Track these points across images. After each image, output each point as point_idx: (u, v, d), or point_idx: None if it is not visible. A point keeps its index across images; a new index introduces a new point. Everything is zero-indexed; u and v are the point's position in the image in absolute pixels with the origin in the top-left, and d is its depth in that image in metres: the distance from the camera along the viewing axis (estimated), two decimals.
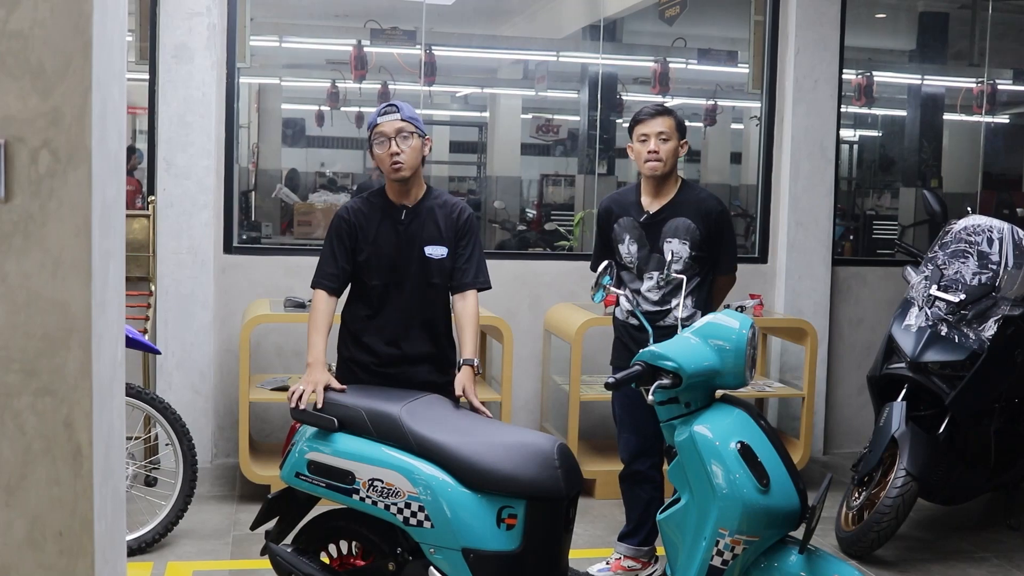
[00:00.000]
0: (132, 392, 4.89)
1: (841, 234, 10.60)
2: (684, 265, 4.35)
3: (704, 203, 4.43)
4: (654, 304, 4.40)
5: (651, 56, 9.86)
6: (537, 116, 13.29)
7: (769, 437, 3.25)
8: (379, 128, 3.86)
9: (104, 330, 2.01)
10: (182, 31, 5.98)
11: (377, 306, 3.94)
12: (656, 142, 4.31)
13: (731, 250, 4.54)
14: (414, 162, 3.87)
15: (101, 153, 1.96)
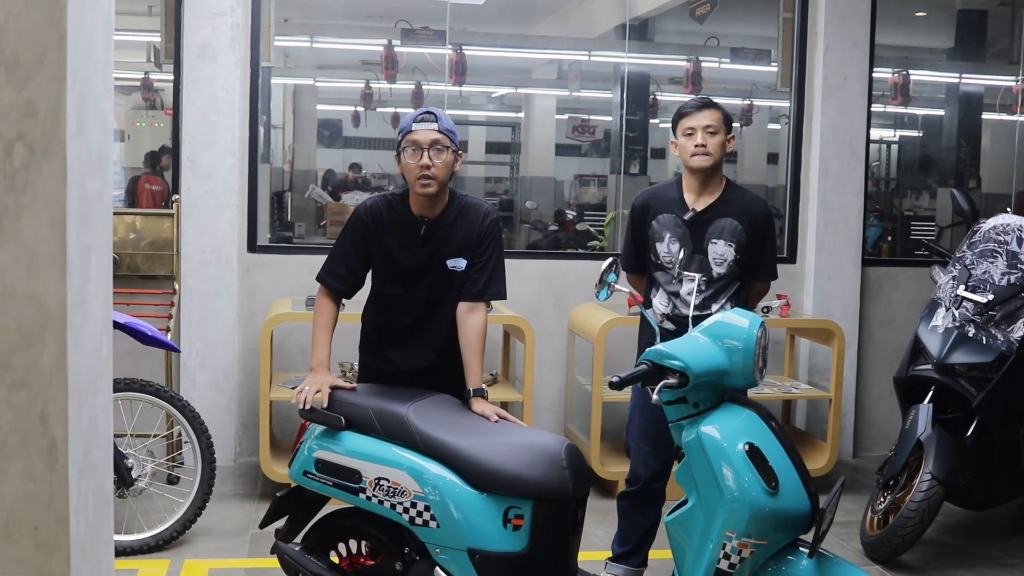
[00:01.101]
0: (151, 390, 4.91)
1: (879, 235, 10.48)
2: (728, 268, 4.19)
3: (751, 204, 4.27)
4: (694, 309, 4.15)
5: (683, 55, 9.80)
6: (573, 116, 13.25)
7: (779, 439, 3.19)
8: (413, 136, 3.69)
9: (84, 325, 2.00)
10: (206, 30, 6.00)
11: (393, 315, 3.87)
12: (703, 135, 4.13)
13: (772, 256, 4.37)
14: (444, 177, 3.70)
15: (79, 146, 1.95)
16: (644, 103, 10.48)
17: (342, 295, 3.90)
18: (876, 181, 13.28)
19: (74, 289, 1.93)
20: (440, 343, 3.85)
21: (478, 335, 3.78)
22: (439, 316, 3.83)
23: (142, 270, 6.10)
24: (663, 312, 4.28)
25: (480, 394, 3.74)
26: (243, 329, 6.18)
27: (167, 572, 4.65)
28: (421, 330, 3.84)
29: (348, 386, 3.70)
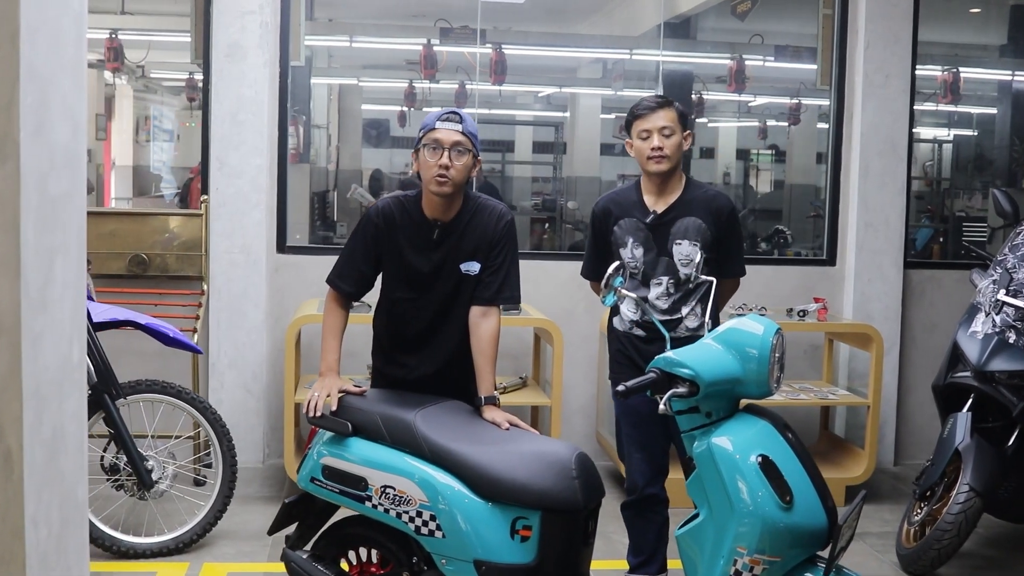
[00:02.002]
0: (172, 391, 4.88)
1: (930, 236, 10.24)
2: (695, 268, 4.06)
3: (714, 200, 4.14)
4: (663, 312, 4.06)
5: (727, 53, 9.65)
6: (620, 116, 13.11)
7: (796, 451, 3.06)
8: (435, 134, 3.60)
9: (44, 330, 1.93)
10: (235, 29, 5.96)
11: (404, 319, 3.78)
12: (659, 138, 3.99)
13: (739, 251, 4.25)
14: (461, 180, 3.62)
15: (38, 146, 1.89)
16: (687, 102, 10.31)
17: (351, 298, 3.83)
18: (929, 181, 13.01)
19: (31, 293, 1.86)
20: (453, 348, 3.76)
21: (491, 341, 3.68)
22: (452, 321, 3.74)
23: (171, 270, 6.08)
24: (631, 319, 4.16)
25: (492, 402, 3.64)
26: (272, 330, 6.14)
27: (186, 574, 4.61)
28: (434, 335, 3.76)
29: (357, 391, 3.63)
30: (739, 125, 15.20)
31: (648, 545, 4.26)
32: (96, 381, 4.71)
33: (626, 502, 4.32)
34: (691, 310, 4.10)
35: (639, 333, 4.15)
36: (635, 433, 4.17)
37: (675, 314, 4.10)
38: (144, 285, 6.02)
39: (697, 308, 4.11)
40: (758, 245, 10.77)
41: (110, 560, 4.71)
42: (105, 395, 4.71)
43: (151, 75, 13.65)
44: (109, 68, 9.75)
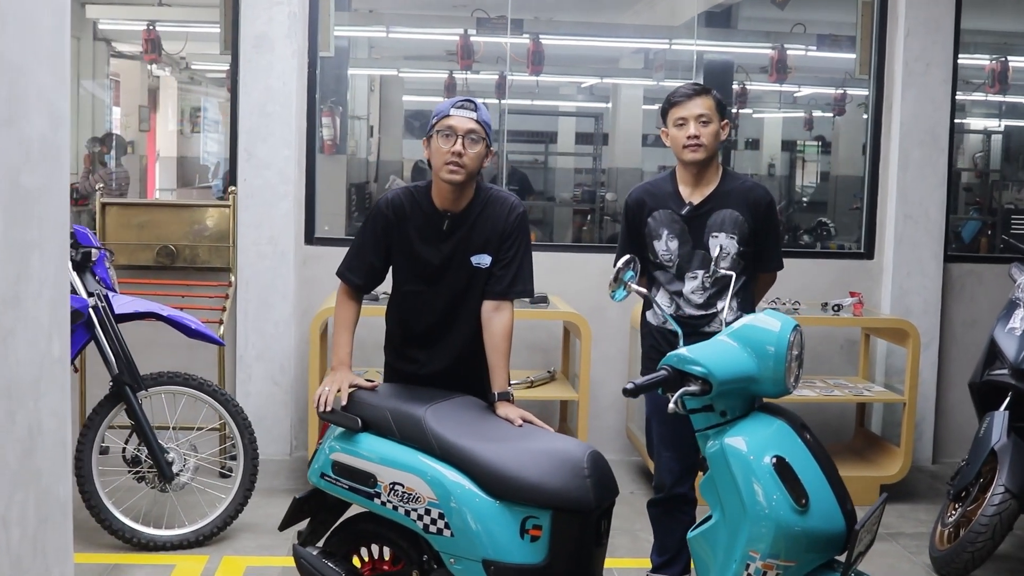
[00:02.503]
0: (194, 384, 4.86)
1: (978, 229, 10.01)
2: (731, 262, 3.94)
3: (751, 192, 4.02)
4: (697, 308, 3.96)
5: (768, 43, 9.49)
6: None
7: (813, 452, 2.96)
8: (449, 120, 3.52)
9: (18, 326, 1.89)
10: (263, 20, 5.93)
11: (415, 312, 3.72)
12: (696, 126, 3.87)
13: (777, 245, 4.13)
14: (474, 169, 3.54)
15: (10, 139, 1.84)
16: (727, 92, 10.16)
17: (361, 290, 3.76)
18: (979, 173, 12.74)
19: (4, 289, 1.82)
20: (465, 343, 3.69)
21: (503, 336, 3.61)
22: (464, 315, 3.67)
23: (199, 262, 6.08)
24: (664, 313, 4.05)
25: (505, 398, 3.57)
26: (300, 322, 6.11)
27: (204, 568, 4.59)
28: (445, 329, 3.69)
29: (368, 386, 3.57)
30: (784, 116, 14.99)
31: (673, 545, 4.16)
32: (117, 373, 4.70)
33: (653, 500, 4.24)
34: (725, 304, 4.00)
35: (672, 328, 4.04)
36: (665, 431, 4.07)
37: (710, 309, 4.00)
38: (172, 276, 6.01)
39: (733, 303, 4.00)
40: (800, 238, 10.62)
41: (130, 552, 4.70)
42: (126, 387, 4.70)
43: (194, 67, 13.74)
44: (147, 60, 9.79)
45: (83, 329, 4.70)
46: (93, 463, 4.73)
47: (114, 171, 9.94)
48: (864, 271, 6.43)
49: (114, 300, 4.77)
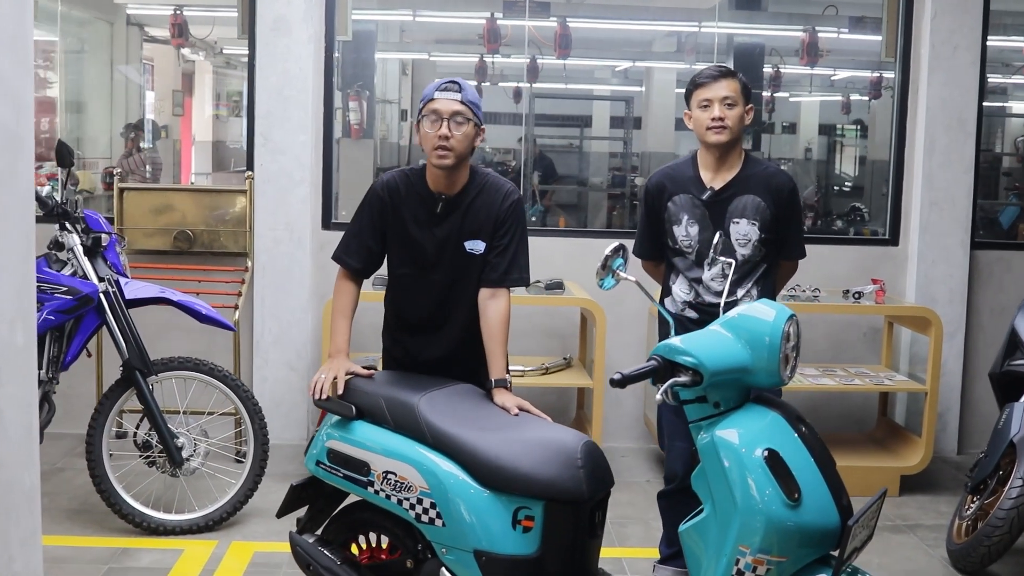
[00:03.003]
0: (204, 369, 4.86)
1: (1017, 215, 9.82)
2: (752, 249, 3.88)
3: (774, 178, 3.94)
4: (717, 295, 3.87)
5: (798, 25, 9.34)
6: None
7: (808, 445, 2.89)
8: (434, 104, 3.48)
9: None
10: (280, 4, 5.91)
11: (410, 297, 3.68)
12: (721, 108, 3.80)
13: (800, 232, 4.04)
14: (463, 151, 3.49)
15: None
16: (757, 75, 10.03)
17: (359, 275, 3.73)
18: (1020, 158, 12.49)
19: None
20: (462, 330, 3.66)
21: (500, 323, 3.57)
22: (459, 302, 3.63)
23: (216, 247, 6.08)
24: (684, 300, 3.99)
25: (503, 385, 3.52)
26: (316, 308, 6.11)
27: (212, 553, 4.60)
28: (441, 316, 3.65)
29: (365, 373, 3.54)
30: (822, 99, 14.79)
31: None
32: (128, 358, 4.71)
33: (663, 491, 4.19)
34: (747, 292, 3.95)
35: (691, 315, 3.98)
36: (678, 421, 3.98)
37: (729, 297, 3.90)
38: (189, 261, 6.02)
39: (754, 290, 3.95)
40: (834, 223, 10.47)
41: (140, 536, 4.72)
42: (136, 372, 4.71)
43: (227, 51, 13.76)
44: (174, 44, 9.80)
45: (94, 314, 4.72)
46: (104, 448, 4.75)
47: (146, 156, 9.99)
48: (889, 258, 6.31)
49: (125, 285, 4.78)
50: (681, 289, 3.97)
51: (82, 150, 12.23)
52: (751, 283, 3.92)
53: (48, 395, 4.81)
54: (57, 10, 10.63)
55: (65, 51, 12.74)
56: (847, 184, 13.20)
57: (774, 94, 12.12)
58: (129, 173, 9.36)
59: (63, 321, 4.66)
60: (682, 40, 11.67)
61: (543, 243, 6.36)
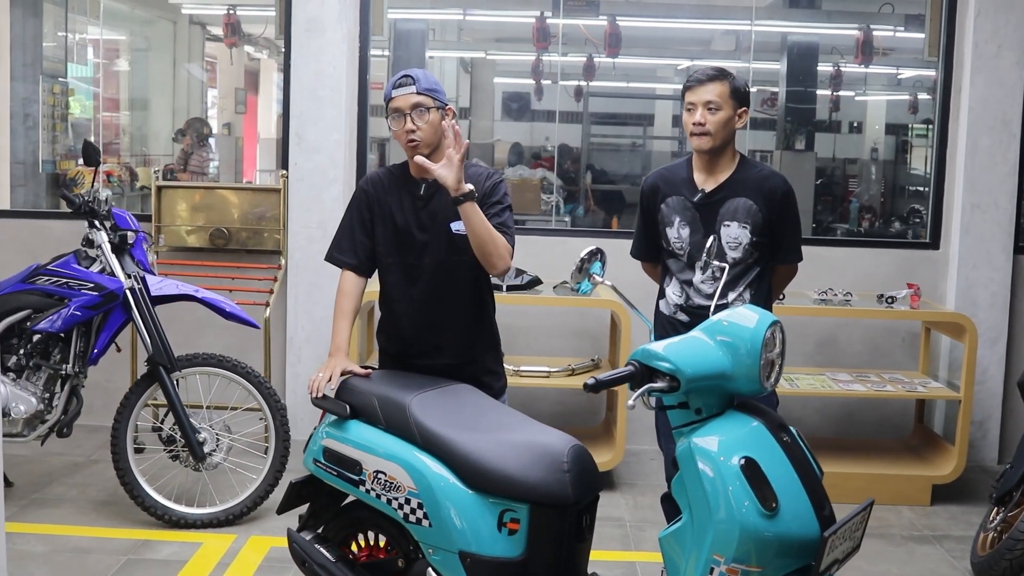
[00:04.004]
0: (227, 365, 4.93)
1: None
2: (744, 252, 3.81)
3: (767, 181, 3.85)
4: (707, 297, 3.81)
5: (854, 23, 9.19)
6: (763, 89, 12.69)
7: (790, 454, 2.84)
8: (394, 103, 3.54)
9: None
10: (314, 4, 5.97)
11: (400, 289, 3.70)
12: (702, 112, 3.72)
13: (795, 235, 3.94)
14: (432, 138, 3.54)
15: None
16: (811, 74, 9.88)
17: (357, 272, 3.73)
18: None
19: None
20: (455, 321, 3.67)
21: None
22: (450, 292, 3.65)
23: (250, 244, 6.16)
24: (676, 303, 3.94)
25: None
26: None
27: (229, 547, 4.66)
28: (433, 306, 3.66)
29: (362, 372, 3.56)
30: (888, 98, 14.53)
31: None
32: (152, 354, 4.80)
33: (666, 494, 4.15)
34: (738, 296, 3.88)
35: (683, 318, 3.94)
36: None
37: (721, 299, 3.87)
38: (223, 259, 6.11)
39: (746, 294, 3.88)
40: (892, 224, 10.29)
41: (161, 528, 4.80)
42: (160, 367, 4.79)
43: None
44: (227, 43, 9.95)
45: (121, 310, 4.82)
46: (128, 441, 4.84)
47: (191, 154, 10.15)
48: (928, 262, 6.18)
49: (151, 282, 4.86)
50: (674, 292, 3.94)
51: (146, 147, 12.48)
52: (743, 286, 3.86)
53: (76, 389, 4.92)
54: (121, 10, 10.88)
55: (131, 50, 13.02)
56: (913, 186, 12.94)
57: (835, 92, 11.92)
58: (192, 173, 9.54)
59: (89, 316, 4.77)
60: (739, 39, 11.55)
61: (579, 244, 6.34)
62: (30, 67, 9.68)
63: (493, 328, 3.86)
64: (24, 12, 9.69)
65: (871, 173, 13.15)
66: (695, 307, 3.85)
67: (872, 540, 4.93)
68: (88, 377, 4.96)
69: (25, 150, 9.21)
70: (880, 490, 5.35)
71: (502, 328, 3.88)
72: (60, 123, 9.67)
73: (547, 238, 6.46)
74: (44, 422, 4.88)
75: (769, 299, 3.98)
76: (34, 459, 5.63)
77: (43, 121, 9.51)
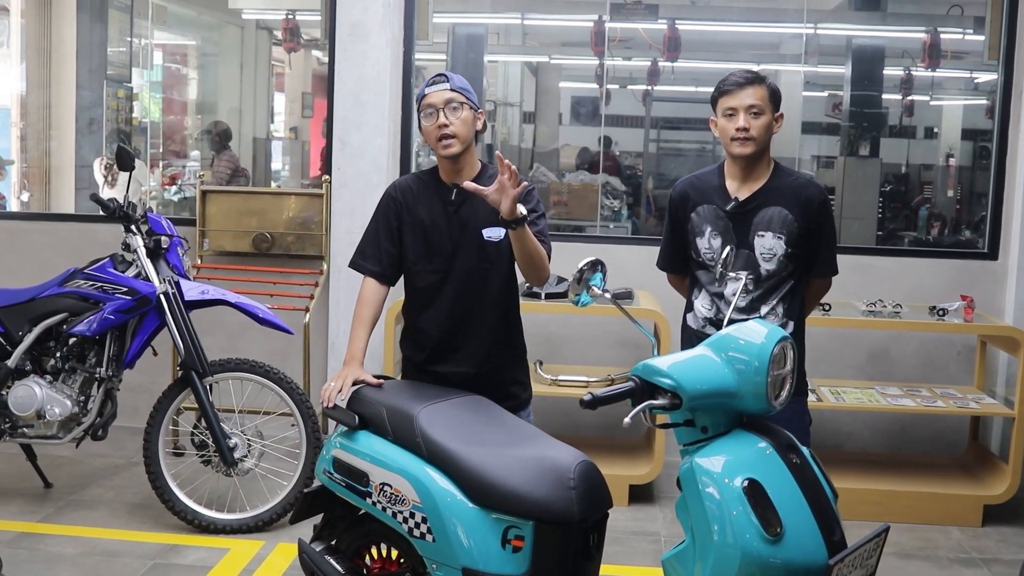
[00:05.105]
0: (260, 371, 4.92)
1: None
2: (778, 264, 3.67)
3: (804, 189, 3.70)
4: (740, 311, 3.67)
5: (920, 26, 8.95)
6: (833, 94, 12.45)
7: (798, 475, 2.72)
8: (427, 99, 3.51)
9: None
10: (358, 9, 5.94)
11: (428, 296, 3.64)
12: (746, 117, 3.59)
13: (831, 247, 3.79)
14: (465, 135, 3.50)
15: None
16: (877, 78, 9.63)
17: (380, 280, 3.69)
18: None
19: None
20: (483, 329, 3.60)
21: None
22: (479, 299, 3.58)
23: (293, 249, 6.16)
24: (705, 316, 3.79)
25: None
26: (392, 312, 6.11)
27: (257, 553, 4.65)
28: (461, 313, 3.59)
29: (374, 382, 3.52)
30: (965, 103, 14.16)
31: None
32: (184, 358, 4.81)
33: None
34: (771, 309, 3.74)
35: (711, 332, 3.81)
36: None
37: (753, 313, 3.73)
38: (266, 263, 6.12)
39: (779, 307, 3.74)
40: (962, 233, 10.01)
41: (191, 533, 4.81)
42: (193, 373, 4.80)
43: None
44: (285, 48, 10.01)
45: (155, 315, 4.83)
46: (160, 446, 4.86)
47: (216, 159, 10.22)
48: (986, 273, 5.96)
49: (185, 287, 4.87)
50: (703, 304, 3.80)
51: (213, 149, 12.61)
52: (776, 300, 3.71)
53: (111, 392, 4.95)
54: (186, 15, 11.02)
55: (200, 54, 13.20)
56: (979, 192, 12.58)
57: (906, 97, 11.63)
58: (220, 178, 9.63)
59: (123, 320, 4.79)
60: (808, 42, 11.33)
61: (620, 251, 6.24)
62: (95, 72, 9.86)
63: (520, 337, 3.79)
64: (91, 18, 9.87)
65: (945, 179, 12.81)
66: (729, 321, 3.72)
67: (917, 562, 4.76)
68: (132, 379, 4.99)
69: (90, 154, 9.38)
70: (929, 509, 5.17)
71: (545, 337, 3.80)
72: (124, 127, 9.83)
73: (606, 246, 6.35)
74: (79, 424, 4.92)
75: (802, 313, 3.83)
76: (76, 460, 5.69)
77: (107, 126, 9.67)
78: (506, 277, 3.62)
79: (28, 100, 9.91)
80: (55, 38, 9.86)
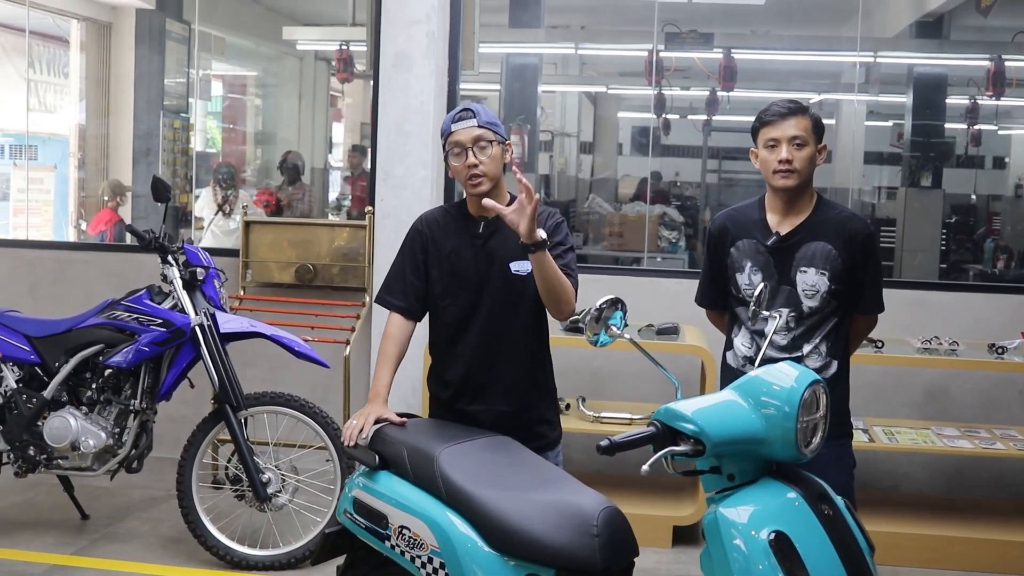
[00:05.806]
0: (295, 404, 4.85)
1: None
2: (821, 301, 3.51)
3: (848, 223, 3.54)
4: (780, 350, 3.52)
5: (984, 53, 8.73)
6: (897, 123, 12.24)
7: (830, 528, 2.57)
8: (454, 137, 3.41)
9: None
10: (402, 39, 5.90)
11: (455, 331, 3.53)
12: (788, 149, 3.44)
13: (876, 284, 3.61)
14: (495, 173, 3.40)
15: None
16: (939, 107, 9.41)
17: (406, 315, 3.59)
18: None
19: None
20: (511, 365, 3.48)
21: None
22: (508, 334, 3.47)
23: (336, 281, 6.11)
24: (745, 355, 3.62)
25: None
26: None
27: None
28: (489, 349, 3.48)
29: (398, 421, 3.42)
30: None
31: None
32: (218, 392, 4.76)
33: None
34: (814, 348, 3.57)
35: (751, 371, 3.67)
36: None
37: (794, 352, 3.57)
38: (308, 295, 6.07)
39: (822, 346, 3.58)
40: None
41: (223, 569, 4.74)
42: (227, 406, 4.75)
43: None
44: (339, 79, 10.04)
45: (190, 347, 4.80)
46: (193, 479, 4.81)
47: (280, 189, 10.24)
48: None
49: (221, 319, 4.83)
50: (743, 343, 3.64)
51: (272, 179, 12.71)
52: (819, 338, 3.55)
53: (146, 424, 4.92)
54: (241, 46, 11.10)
55: (259, 85, 13.32)
56: None
57: (972, 127, 11.39)
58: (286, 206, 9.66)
59: (157, 352, 4.76)
60: (870, 70, 11.15)
61: (670, 284, 6.11)
62: (153, 103, 9.97)
63: (550, 375, 3.68)
64: (150, 50, 9.99)
65: (1015, 211, 12.49)
66: (767, 360, 3.57)
67: None
68: (174, 410, 4.95)
69: (146, 184, 9.48)
70: (984, 556, 4.94)
71: (590, 372, 3.68)
72: (180, 157, 9.91)
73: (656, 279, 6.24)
74: (114, 456, 4.89)
75: (846, 352, 3.67)
76: (114, 492, 5.66)
77: (163, 156, 9.76)
78: (535, 312, 3.51)
79: (87, 130, 10.06)
80: (114, 68, 10.01)
